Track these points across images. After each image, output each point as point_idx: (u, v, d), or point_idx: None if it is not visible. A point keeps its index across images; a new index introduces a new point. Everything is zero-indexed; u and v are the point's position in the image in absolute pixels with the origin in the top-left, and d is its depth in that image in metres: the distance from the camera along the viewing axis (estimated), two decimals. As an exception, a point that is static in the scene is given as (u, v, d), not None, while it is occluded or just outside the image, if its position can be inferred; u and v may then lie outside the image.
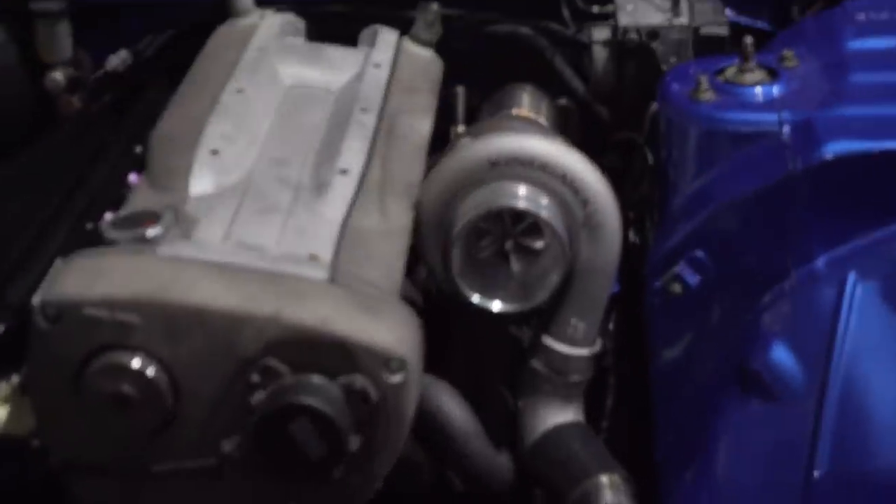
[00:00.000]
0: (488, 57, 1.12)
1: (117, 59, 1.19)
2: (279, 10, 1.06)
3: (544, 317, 0.81)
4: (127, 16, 1.21)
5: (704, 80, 0.82)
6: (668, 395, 0.81)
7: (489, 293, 0.77)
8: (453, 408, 0.79)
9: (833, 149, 0.72)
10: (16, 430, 0.65)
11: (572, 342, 0.80)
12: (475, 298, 0.77)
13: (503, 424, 0.84)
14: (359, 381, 0.60)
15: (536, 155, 0.77)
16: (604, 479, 0.75)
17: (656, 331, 0.84)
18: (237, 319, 0.58)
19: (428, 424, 0.75)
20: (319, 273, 0.65)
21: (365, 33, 1.03)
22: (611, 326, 0.90)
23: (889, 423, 0.65)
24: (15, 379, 0.67)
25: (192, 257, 0.63)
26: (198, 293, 0.58)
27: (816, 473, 0.63)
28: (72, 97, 1.18)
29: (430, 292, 0.87)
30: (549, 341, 0.80)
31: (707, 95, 0.81)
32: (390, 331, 0.62)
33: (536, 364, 0.82)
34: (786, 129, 0.77)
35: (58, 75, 1.17)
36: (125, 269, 0.60)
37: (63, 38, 1.16)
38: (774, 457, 0.69)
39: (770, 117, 0.78)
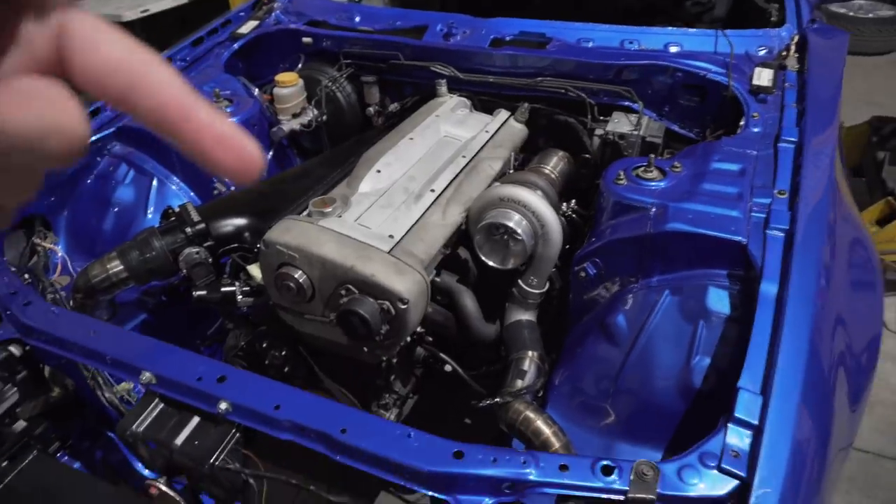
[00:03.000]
0: (550, 130, 1.84)
1: (395, 107, 2.06)
2: (461, 95, 1.87)
3: (520, 274, 1.45)
4: (401, 84, 2.05)
5: (622, 173, 1.37)
6: (573, 322, 1.44)
7: (491, 258, 1.42)
8: (469, 302, 1.47)
9: (672, 226, 1.23)
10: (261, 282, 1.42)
11: (530, 286, 1.46)
12: (484, 258, 1.42)
13: (495, 316, 1.52)
14: (385, 304, 1.20)
15: (521, 199, 1.32)
16: (531, 353, 1.38)
17: (573, 292, 1.44)
18: (336, 265, 1.23)
19: (458, 305, 1.45)
20: (385, 246, 1.26)
21: (498, 111, 1.81)
22: (557, 284, 1.53)
23: (658, 367, 1.22)
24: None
25: (330, 229, 1.29)
26: (322, 248, 1.24)
27: (619, 384, 1.25)
28: (377, 118, 2.11)
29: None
30: (521, 283, 1.47)
31: (622, 181, 1.36)
32: (403, 283, 1.20)
33: (515, 291, 1.49)
34: (653, 209, 1.28)
35: (371, 110, 2.09)
36: (299, 229, 1.29)
37: (375, 92, 2.06)
38: (603, 370, 1.27)
39: (649, 200, 1.30)
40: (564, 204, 1.62)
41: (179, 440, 1.05)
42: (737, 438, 0.91)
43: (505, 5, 2.08)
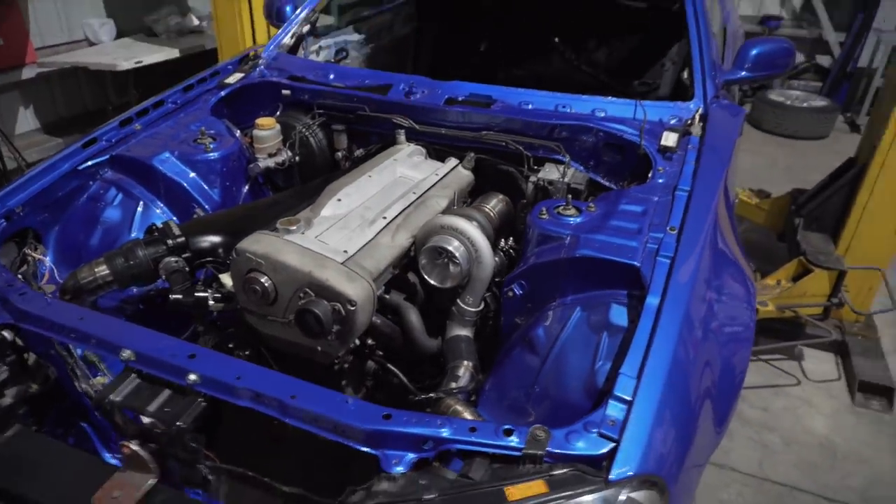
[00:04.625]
0: (493, 177, 2.12)
1: (360, 152, 2.33)
2: (417, 144, 2.13)
3: (458, 294, 1.69)
4: (366, 133, 2.33)
5: (545, 210, 1.62)
6: (503, 336, 1.64)
7: (433, 277, 1.66)
8: (414, 318, 1.68)
9: (582, 252, 1.48)
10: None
11: (466, 304, 1.71)
12: (427, 277, 1.66)
13: (434, 332, 1.73)
14: (337, 306, 1.41)
15: (459, 228, 1.60)
16: (466, 363, 1.59)
17: (504, 312, 1.65)
18: (297, 271, 1.44)
19: (403, 320, 1.65)
20: (339, 258, 1.48)
21: (448, 159, 2.06)
22: (492, 306, 1.76)
23: (569, 371, 1.40)
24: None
25: (293, 242, 1.51)
26: (285, 257, 1.46)
27: (537, 387, 1.42)
28: (345, 162, 2.35)
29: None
30: (459, 302, 1.71)
31: (544, 216, 1.63)
32: (353, 289, 1.42)
33: (454, 310, 1.72)
34: (567, 239, 1.54)
35: (339, 154, 2.34)
36: (267, 241, 1.51)
37: (343, 139, 2.32)
38: (525, 376, 1.46)
39: (566, 231, 1.56)
40: (503, 241, 1.87)
41: (152, 407, 1.23)
42: (615, 411, 1.13)
43: (475, 76, 2.39)
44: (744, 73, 2.33)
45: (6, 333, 1.43)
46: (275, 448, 1.45)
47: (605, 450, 1.08)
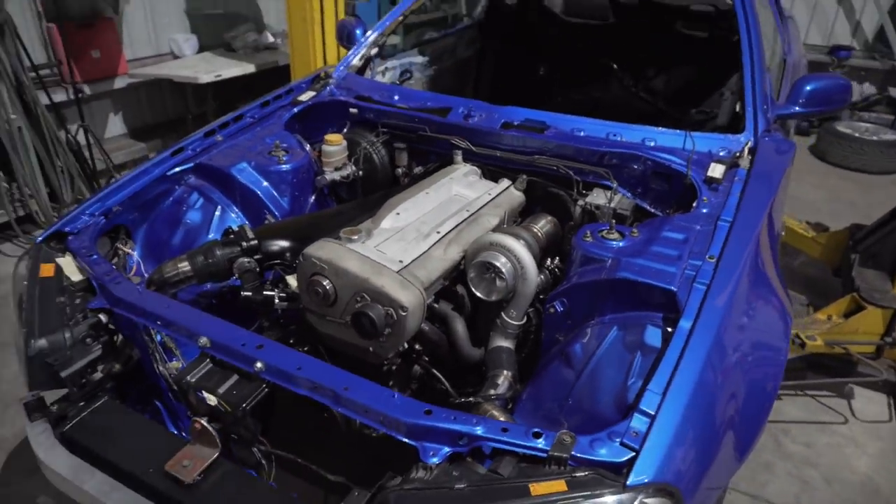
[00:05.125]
0: (543, 199, 2.22)
1: (419, 169, 2.50)
2: (473, 165, 2.27)
3: (503, 306, 1.78)
4: (426, 152, 2.49)
5: (589, 233, 1.71)
6: (543, 350, 1.70)
7: (480, 290, 1.77)
8: (460, 327, 1.81)
9: (622, 274, 1.56)
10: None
11: (510, 318, 1.79)
12: (475, 290, 1.77)
13: (478, 343, 1.84)
14: (389, 310, 1.55)
15: (507, 245, 1.71)
16: (506, 372, 1.67)
17: (545, 327, 1.74)
18: (356, 277, 1.59)
19: (450, 328, 1.79)
20: (395, 267, 1.62)
21: (501, 180, 2.17)
22: (534, 320, 1.84)
23: (602, 387, 1.46)
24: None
25: (354, 250, 1.65)
26: (346, 263, 1.61)
27: (571, 399, 1.48)
28: (404, 178, 2.52)
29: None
30: (503, 315, 1.79)
31: (588, 239, 1.72)
32: (406, 296, 1.55)
33: (498, 322, 1.81)
34: (609, 261, 1.63)
35: (399, 170, 2.51)
36: (330, 248, 1.66)
37: (404, 157, 2.49)
38: (560, 389, 1.53)
39: (608, 254, 1.64)
40: (549, 260, 1.97)
41: (221, 389, 1.39)
42: (638, 424, 1.21)
43: (533, 99, 2.50)
44: (797, 108, 2.36)
45: (102, 316, 1.63)
46: (321, 440, 1.60)
47: (625, 458, 1.17)
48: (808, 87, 2.36)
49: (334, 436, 1.57)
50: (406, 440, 1.24)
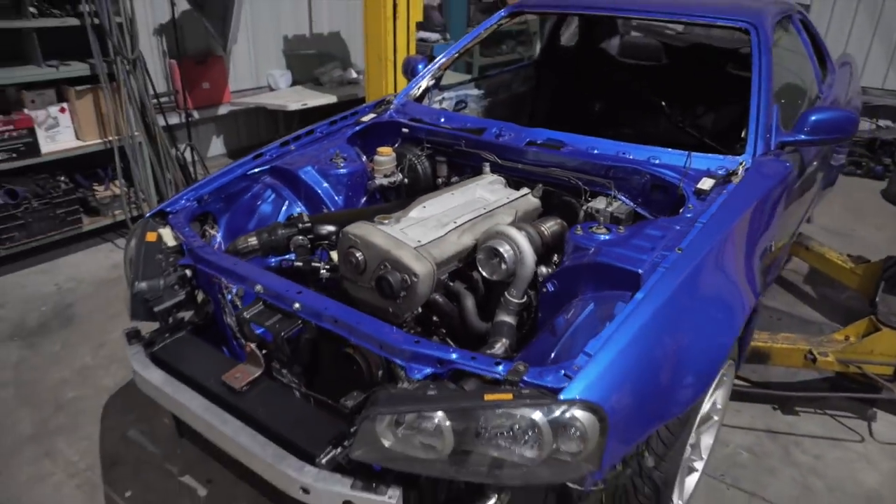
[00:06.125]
0: (556, 206, 2.50)
1: (456, 179, 2.88)
2: (499, 175, 2.65)
3: (506, 286, 2.06)
4: (462, 165, 2.87)
5: (580, 228, 2.04)
6: (539, 324, 1.97)
7: (485, 270, 2.11)
8: (470, 303, 2.10)
9: (600, 259, 1.85)
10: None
11: (511, 296, 2.06)
12: (481, 269, 2.12)
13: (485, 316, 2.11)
14: (405, 276, 1.93)
15: (510, 235, 2.06)
16: (504, 340, 1.96)
17: (541, 302, 1.98)
18: (380, 248, 1.99)
19: (461, 304, 2.11)
20: (412, 244, 2.01)
21: (522, 188, 2.53)
22: (534, 301, 2.07)
23: (572, 349, 1.71)
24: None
25: (382, 230, 2.05)
26: (374, 238, 2.01)
27: (549, 362, 1.73)
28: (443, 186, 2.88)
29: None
30: (506, 294, 2.06)
31: (580, 233, 2.03)
32: (418, 266, 1.93)
33: (502, 300, 2.07)
34: (592, 249, 1.91)
35: (439, 180, 2.92)
36: (364, 227, 2.07)
37: (444, 168, 2.90)
38: (544, 353, 1.76)
39: (592, 244, 1.93)
40: (556, 256, 2.30)
41: (268, 323, 1.81)
42: (581, 361, 1.52)
43: (583, 132, 2.79)
44: (802, 136, 2.60)
45: (188, 272, 2.11)
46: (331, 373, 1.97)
47: (565, 385, 1.48)
48: (812, 118, 2.59)
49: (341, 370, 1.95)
50: (398, 361, 1.61)
